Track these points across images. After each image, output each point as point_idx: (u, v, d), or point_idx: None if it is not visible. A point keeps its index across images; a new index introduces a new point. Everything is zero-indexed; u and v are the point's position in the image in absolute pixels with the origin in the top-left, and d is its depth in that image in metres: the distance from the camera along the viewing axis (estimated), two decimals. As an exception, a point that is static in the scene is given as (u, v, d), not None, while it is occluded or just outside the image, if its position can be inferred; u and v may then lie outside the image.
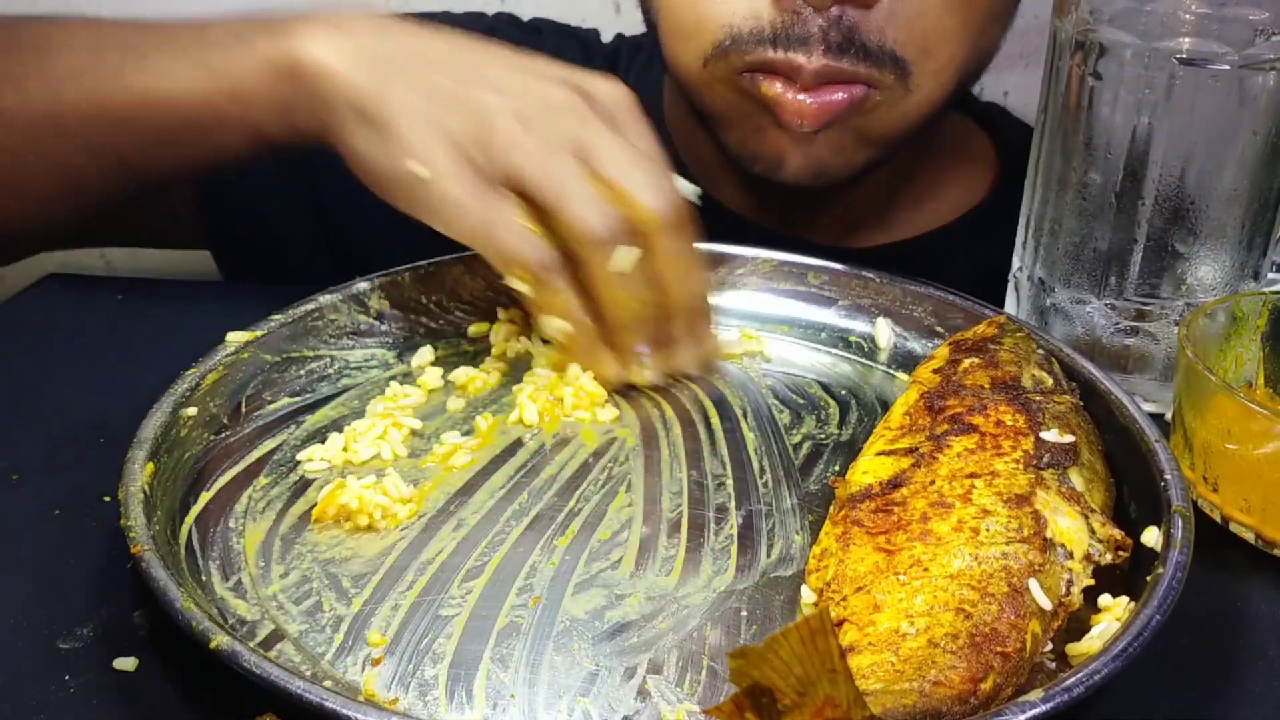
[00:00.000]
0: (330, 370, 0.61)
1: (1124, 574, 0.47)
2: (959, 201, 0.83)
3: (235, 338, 0.57)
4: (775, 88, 0.67)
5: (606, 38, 0.93)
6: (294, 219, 0.82)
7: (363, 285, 0.63)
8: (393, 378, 0.61)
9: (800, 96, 0.66)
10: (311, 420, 0.58)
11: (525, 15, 0.91)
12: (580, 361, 0.60)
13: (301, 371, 0.60)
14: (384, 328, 0.63)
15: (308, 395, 0.59)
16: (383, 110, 0.57)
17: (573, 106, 0.58)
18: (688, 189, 0.59)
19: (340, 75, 0.59)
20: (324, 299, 0.61)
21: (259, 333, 0.58)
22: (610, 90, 0.60)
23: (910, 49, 0.66)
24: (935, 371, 0.56)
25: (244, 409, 0.57)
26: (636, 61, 0.88)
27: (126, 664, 0.44)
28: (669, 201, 0.57)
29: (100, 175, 0.67)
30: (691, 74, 0.70)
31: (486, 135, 0.56)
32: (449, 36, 0.62)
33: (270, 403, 0.58)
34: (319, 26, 0.60)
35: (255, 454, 0.55)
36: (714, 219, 0.81)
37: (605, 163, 0.56)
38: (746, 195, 0.81)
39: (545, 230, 0.56)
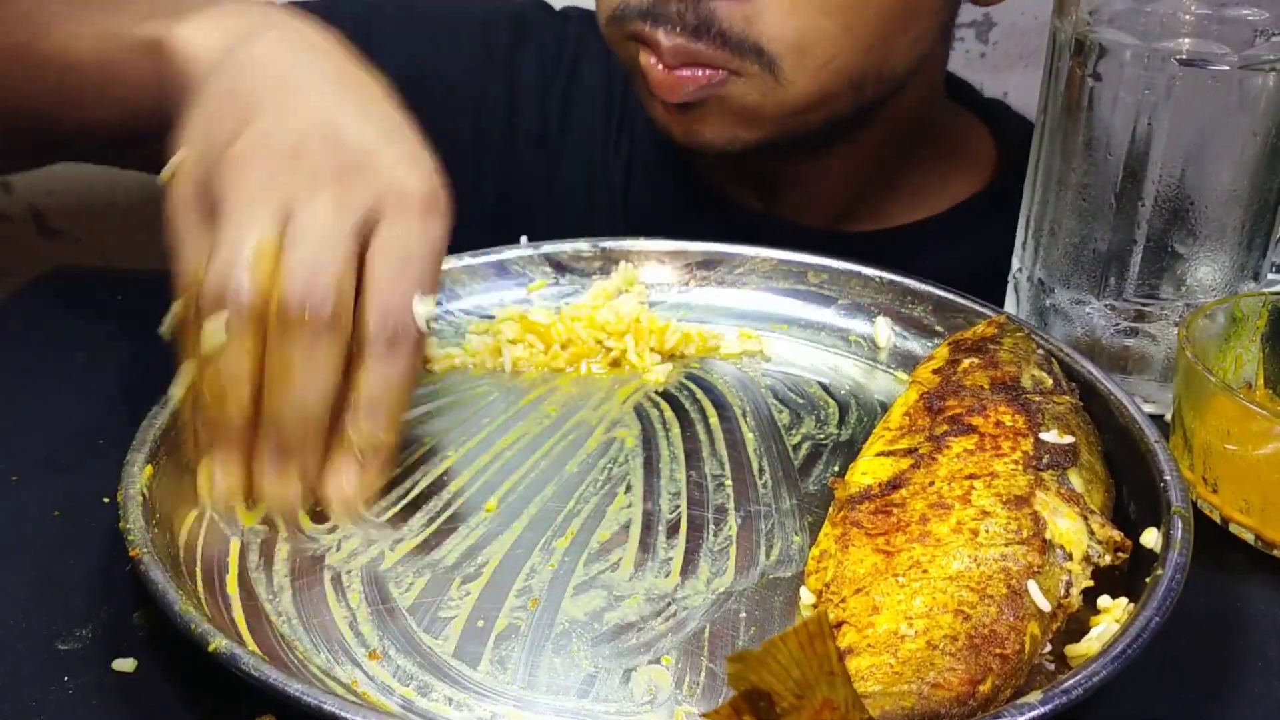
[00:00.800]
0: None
1: (1123, 575, 0.47)
2: (956, 193, 0.83)
3: None
4: (644, 58, 0.68)
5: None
6: None
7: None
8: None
9: (660, 68, 0.67)
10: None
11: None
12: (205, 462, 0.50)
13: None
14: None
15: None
16: (187, 99, 0.53)
17: (318, 169, 0.49)
18: (423, 311, 0.49)
19: (196, 64, 0.55)
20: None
21: None
22: (396, 178, 0.50)
23: (778, 44, 0.66)
24: (935, 372, 0.56)
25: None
26: None
27: (126, 665, 0.44)
28: (313, 302, 0.47)
29: (23, 129, 0.68)
30: (604, 28, 0.72)
31: (226, 153, 0.49)
32: (328, 54, 0.55)
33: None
34: (207, 17, 0.57)
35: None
36: (704, 202, 0.82)
37: (291, 230, 0.48)
38: (730, 177, 0.81)
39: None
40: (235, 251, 0.47)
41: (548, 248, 0.68)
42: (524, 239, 0.68)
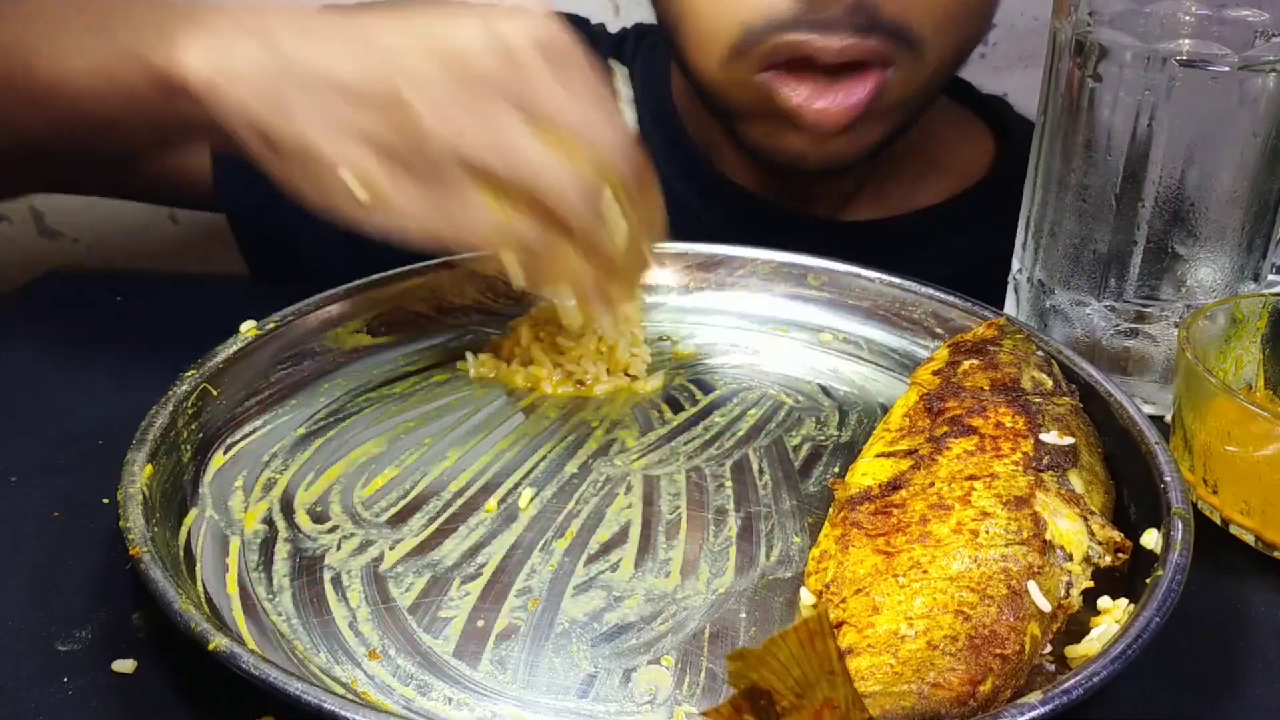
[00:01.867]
0: (333, 368, 0.61)
1: (1123, 576, 0.47)
2: (956, 184, 0.84)
3: (247, 327, 0.58)
4: (795, 98, 0.67)
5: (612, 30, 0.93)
6: (321, 230, 0.82)
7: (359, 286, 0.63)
8: (398, 377, 0.61)
9: (821, 104, 0.66)
10: (312, 421, 0.58)
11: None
12: (593, 315, 0.57)
13: (302, 371, 0.60)
14: (386, 330, 0.63)
15: (308, 395, 0.59)
16: (289, 133, 0.51)
17: (500, 69, 0.51)
18: (630, 117, 0.56)
19: (226, 95, 0.52)
20: (328, 300, 0.61)
21: (268, 327, 0.59)
22: (534, 33, 0.53)
23: (926, 26, 0.67)
24: (935, 373, 0.56)
25: (243, 411, 0.57)
26: (643, 46, 0.89)
27: (125, 666, 0.44)
28: (627, 148, 0.53)
29: (26, 157, 0.66)
30: (711, 76, 0.71)
31: (412, 127, 0.50)
32: (335, 11, 0.55)
33: (270, 403, 0.58)
34: (195, 35, 0.54)
35: (254, 455, 0.55)
36: (717, 190, 0.82)
37: (554, 119, 0.51)
38: (751, 171, 0.82)
39: (514, 202, 0.52)
40: (551, 172, 0.51)
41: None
42: None
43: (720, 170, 0.83)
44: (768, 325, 0.67)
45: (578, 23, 0.91)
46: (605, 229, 0.54)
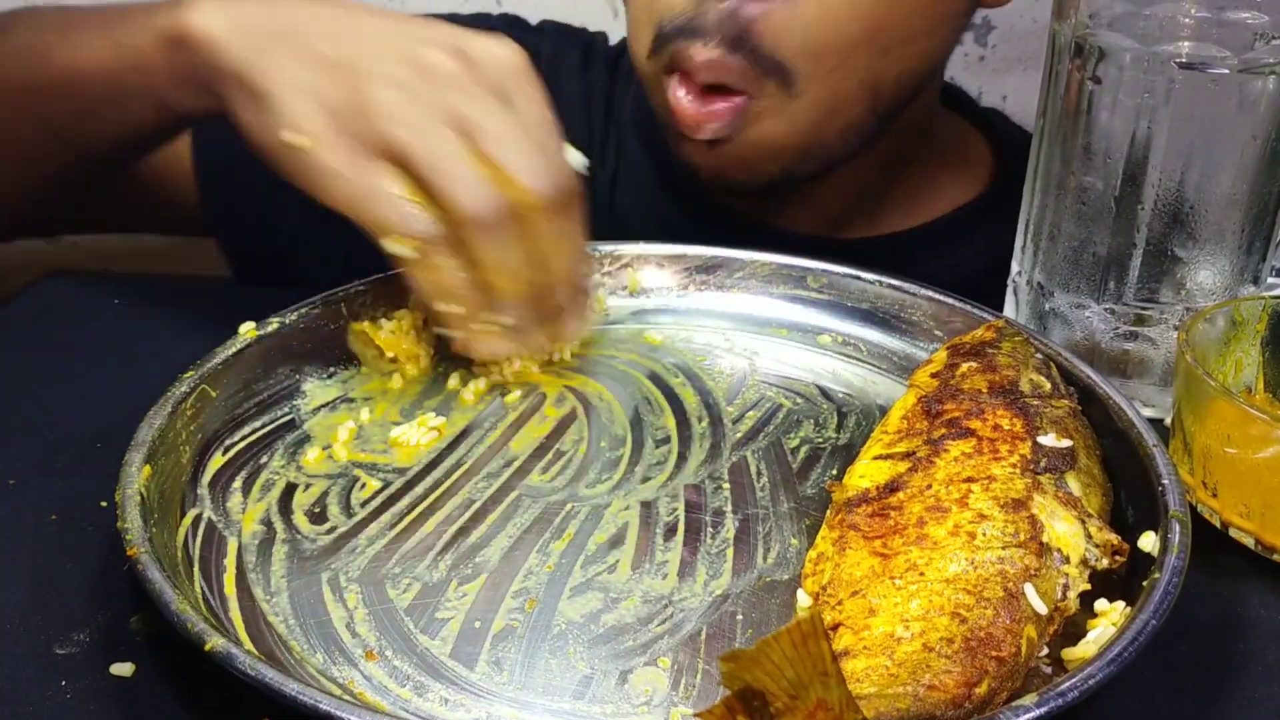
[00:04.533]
0: (333, 369, 0.61)
1: (1121, 579, 0.47)
2: (952, 200, 0.83)
3: (247, 328, 0.58)
4: (676, 98, 0.69)
5: (613, 40, 0.93)
6: (301, 218, 0.83)
7: (363, 288, 0.63)
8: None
9: (692, 110, 0.68)
10: (311, 421, 0.58)
11: (526, 18, 0.92)
12: (460, 338, 0.59)
13: (301, 372, 0.60)
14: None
15: (307, 396, 0.59)
16: (261, 80, 0.56)
17: (454, 74, 0.55)
18: (577, 160, 0.58)
19: (222, 45, 0.58)
20: (328, 300, 0.62)
21: (268, 329, 0.59)
22: (497, 53, 0.57)
23: (801, 56, 0.66)
24: (933, 375, 0.56)
25: (241, 411, 0.57)
26: None
27: (123, 669, 0.44)
28: (550, 180, 0.55)
29: (45, 151, 0.69)
30: (642, 68, 0.72)
31: (363, 104, 0.54)
32: (337, 3, 0.60)
33: (269, 404, 0.58)
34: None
35: (253, 456, 0.55)
36: (708, 211, 0.82)
37: (485, 138, 0.54)
38: (725, 187, 0.81)
39: (426, 202, 0.55)
40: (462, 176, 0.54)
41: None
42: None
43: (712, 195, 0.82)
44: (766, 327, 0.67)
45: (575, 35, 0.91)
46: (505, 255, 0.56)
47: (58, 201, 0.76)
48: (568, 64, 0.87)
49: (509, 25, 0.90)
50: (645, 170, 0.84)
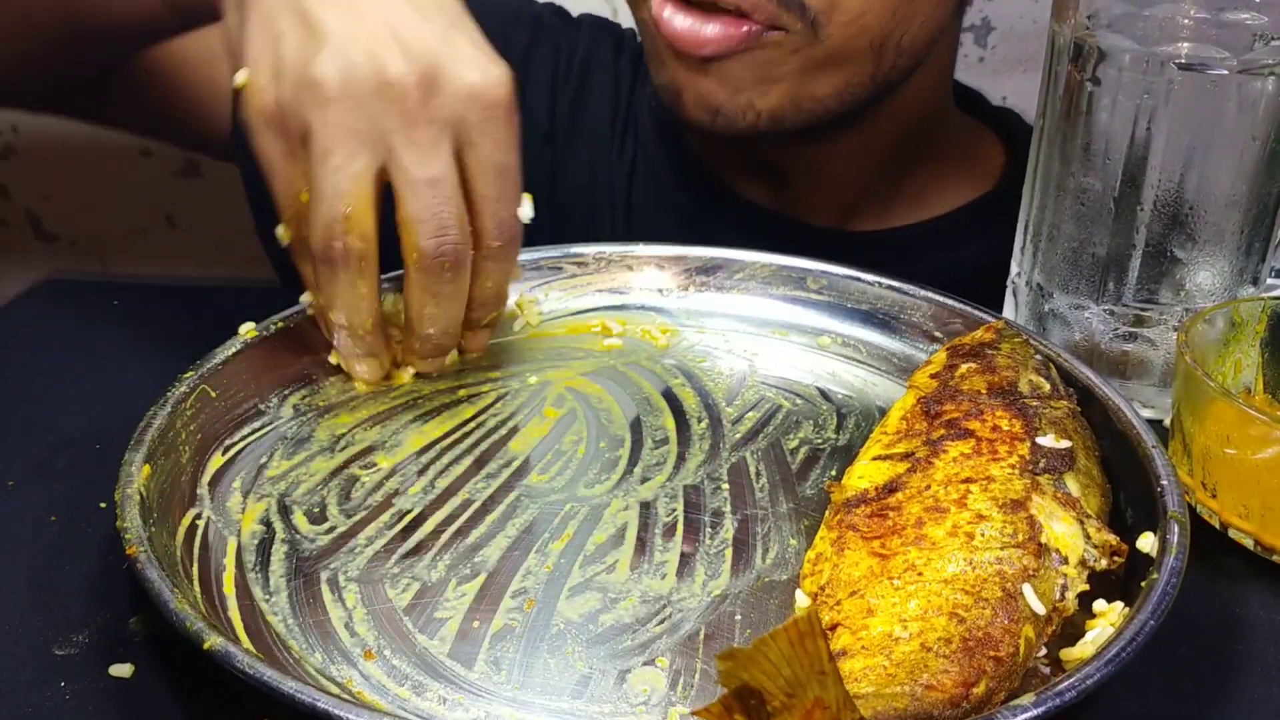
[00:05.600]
0: (332, 370, 0.61)
1: (1119, 579, 0.47)
2: (962, 198, 0.84)
3: (247, 329, 0.58)
4: (661, 10, 0.67)
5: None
6: None
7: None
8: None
9: (682, 23, 0.66)
10: (311, 421, 0.58)
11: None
12: (342, 355, 0.59)
13: (301, 372, 0.60)
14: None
15: (307, 397, 0.59)
16: (239, 39, 0.55)
17: (404, 96, 0.52)
18: (526, 212, 0.57)
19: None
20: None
21: (268, 329, 0.59)
22: (472, 82, 0.53)
23: (823, 4, 0.66)
24: (932, 376, 0.56)
25: (241, 412, 0.57)
26: None
27: (123, 670, 0.44)
28: (440, 244, 0.53)
29: (47, 13, 0.70)
30: (632, 9, 0.71)
31: (307, 78, 0.51)
32: None
33: (269, 404, 0.58)
34: None
35: (252, 456, 0.55)
36: (721, 202, 0.82)
37: (397, 178, 0.53)
38: (755, 183, 0.82)
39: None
40: (335, 206, 0.52)
41: (546, 252, 0.68)
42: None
43: (725, 182, 0.83)
44: (766, 328, 0.67)
45: (605, 28, 0.91)
46: (338, 293, 0.55)
47: (61, 75, 0.76)
48: (601, 57, 0.88)
49: (553, 15, 0.91)
50: (661, 161, 0.85)
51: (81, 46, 0.73)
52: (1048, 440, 0.50)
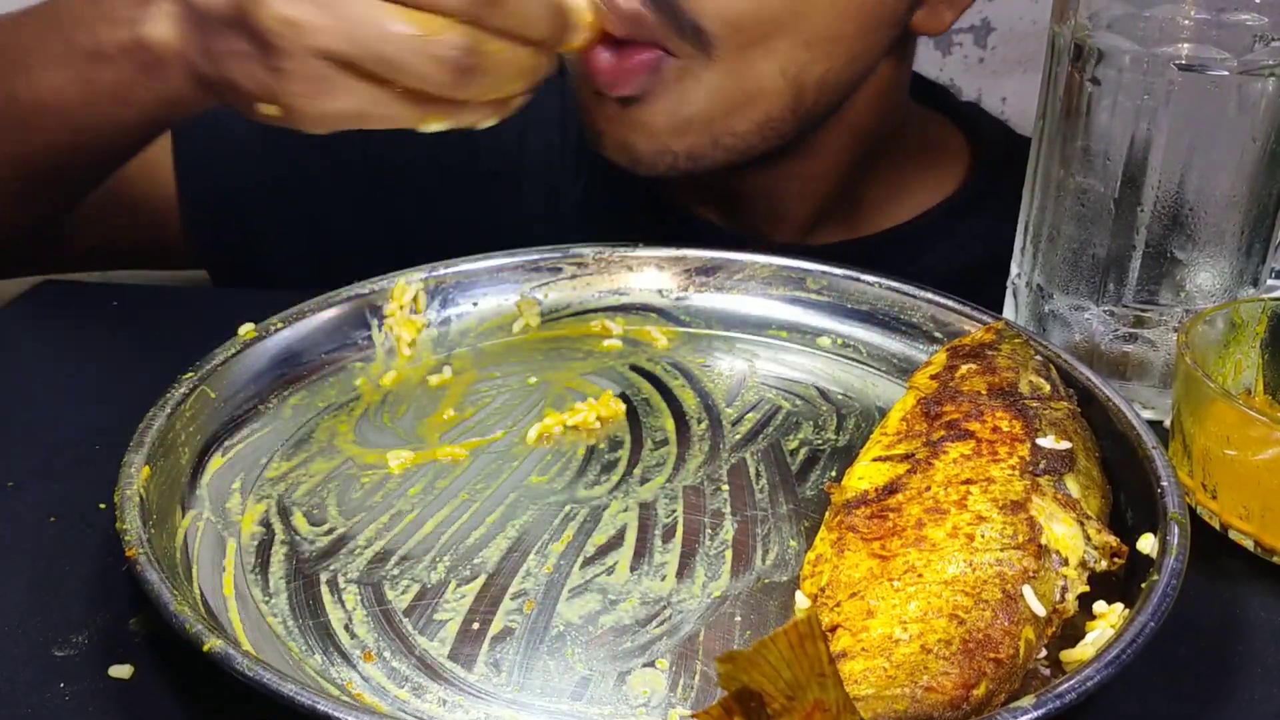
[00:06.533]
0: (329, 372, 0.61)
1: (1119, 581, 0.47)
2: (930, 199, 0.83)
3: (246, 329, 0.58)
4: (588, 51, 0.66)
5: None
6: (283, 235, 0.83)
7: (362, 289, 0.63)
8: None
9: (603, 58, 0.66)
10: (311, 422, 0.58)
11: None
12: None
13: (300, 373, 0.60)
14: (383, 333, 0.63)
15: (307, 397, 0.59)
16: (211, 73, 0.54)
17: None
18: None
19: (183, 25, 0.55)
20: (325, 301, 0.62)
21: (267, 330, 0.59)
22: None
23: (719, 22, 0.65)
24: (932, 377, 0.56)
25: (240, 413, 0.57)
26: None
27: (122, 671, 0.44)
28: None
29: (19, 187, 0.67)
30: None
31: (262, 34, 0.51)
32: None
33: (268, 405, 0.58)
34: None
35: (252, 458, 0.55)
36: (679, 226, 0.82)
37: None
38: (693, 196, 0.82)
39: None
40: (406, 42, 0.50)
41: (546, 253, 0.68)
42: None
43: (682, 205, 0.83)
44: (766, 329, 0.67)
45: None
46: (477, 82, 0.53)
47: (28, 236, 0.74)
48: (551, 77, 0.87)
49: None
50: (618, 184, 0.84)
51: (53, 201, 0.70)
52: (1048, 441, 0.49)
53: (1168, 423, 0.57)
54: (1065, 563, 0.44)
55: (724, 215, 0.82)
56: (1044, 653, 0.43)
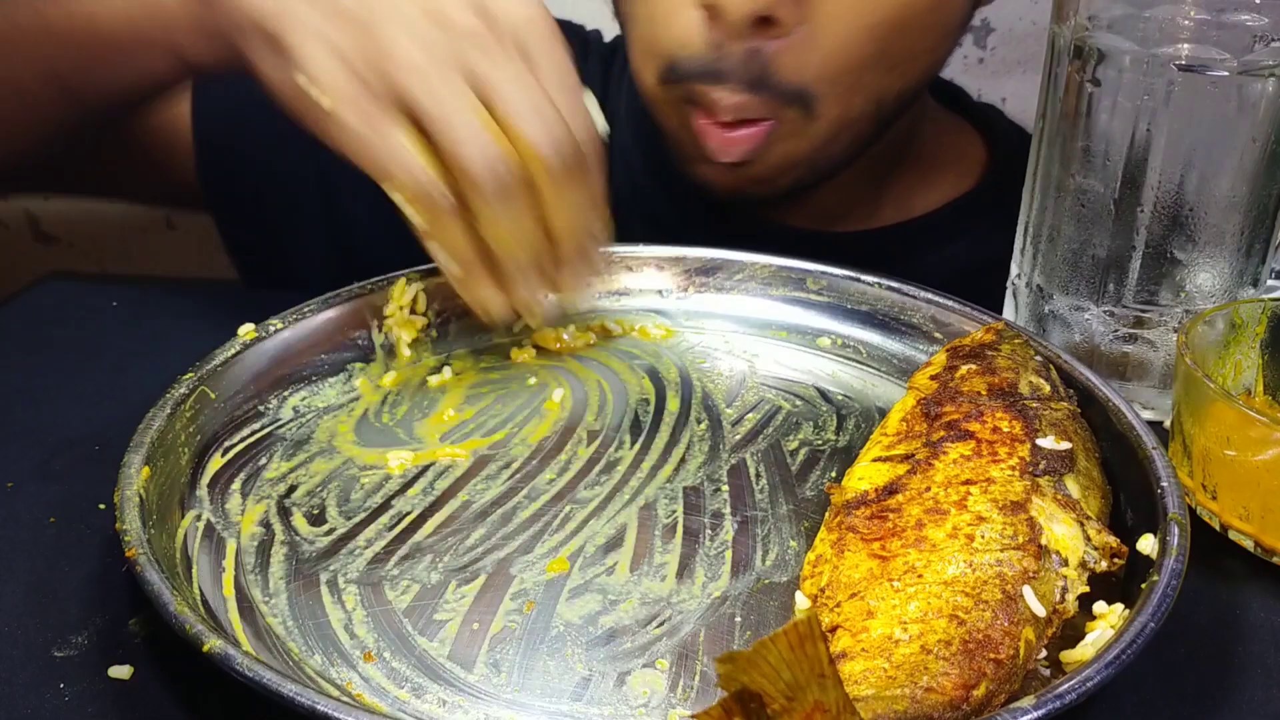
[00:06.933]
0: (332, 370, 0.61)
1: (1119, 582, 0.47)
2: (945, 196, 0.84)
3: (246, 330, 0.58)
4: (700, 123, 0.70)
5: (607, 38, 0.93)
6: (304, 224, 0.83)
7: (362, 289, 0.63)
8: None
9: (718, 139, 0.69)
10: (311, 423, 0.58)
11: None
12: (467, 296, 0.59)
13: (300, 373, 0.60)
14: (383, 333, 0.63)
15: (307, 397, 0.59)
16: (280, 28, 0.56)
17: (475, 32, 0.55)
18: (600, 121, 0.58)
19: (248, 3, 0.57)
20: (325, 301, 0.62)
21: (268, 330, 0.59)
22: (517, 11, 0.56)
23: (820, 82, 0.68)
24: (932, 378, 0.56)
25: (241, 413, 0.57)
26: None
27: (122, 672, 0.44)
28: (562, 143, 0.55)
29: (48, 98, 0.69)
30: (650, 90, 0.73)
31: (380, 55, 0.54)
32: None
33: (268, 405, 0.58)
34: None
35: (252, 458, 0.55)
36: (702, 206, 0.82)
37: (500, 98, 0.54)
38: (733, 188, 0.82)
39: (435, 160, 0.55)
40: (469, 134, 0.53)
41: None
42: None
43: (705, 185, 0.83)
44: (766, 329, 0.67)
45: (571, 30, 0.91)
46: (508, 216, 0.55)
47: (57, 154, 0.76)
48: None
49: None
50: (637, 164, 0.84)
51: (80, 122, 0.72)
52: (1048, 442, 0.49)
53: (1168, 423, 0.57)
54: (1065, 563, 0.44)
55: (741, 200, 0.83)
56: (1044, 653, 0.43)
